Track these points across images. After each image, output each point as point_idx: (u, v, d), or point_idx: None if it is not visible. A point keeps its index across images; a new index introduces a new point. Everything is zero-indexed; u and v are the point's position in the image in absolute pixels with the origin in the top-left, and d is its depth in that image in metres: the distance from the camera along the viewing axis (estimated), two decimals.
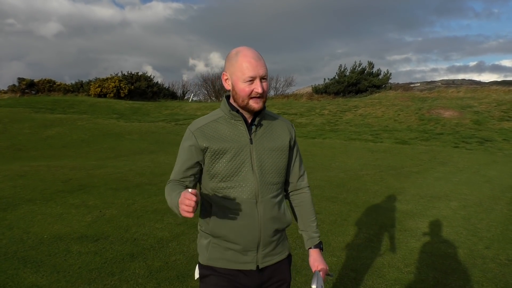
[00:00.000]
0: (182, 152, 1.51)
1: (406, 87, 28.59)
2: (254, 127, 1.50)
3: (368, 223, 4.67)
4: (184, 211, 1.23)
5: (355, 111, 18.77)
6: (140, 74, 29.61)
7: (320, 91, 25.17)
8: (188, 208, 1.21)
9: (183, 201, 1.23)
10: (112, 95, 26.15)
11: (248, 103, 1.44)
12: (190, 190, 1.22)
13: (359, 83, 24.19)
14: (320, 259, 1.62)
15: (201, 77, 45.03)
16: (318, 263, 1.60)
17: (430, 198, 5.91)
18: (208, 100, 34.00)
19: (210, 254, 1.51)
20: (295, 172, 1.65)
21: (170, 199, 1.41)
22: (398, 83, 31.29)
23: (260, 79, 1.42)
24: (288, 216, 1.59)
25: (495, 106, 17.18)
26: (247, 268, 1.50)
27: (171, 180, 1.51)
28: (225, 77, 1.49)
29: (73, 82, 30.56)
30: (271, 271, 1.55)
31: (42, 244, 3.72)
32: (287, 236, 1.70)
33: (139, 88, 27.98)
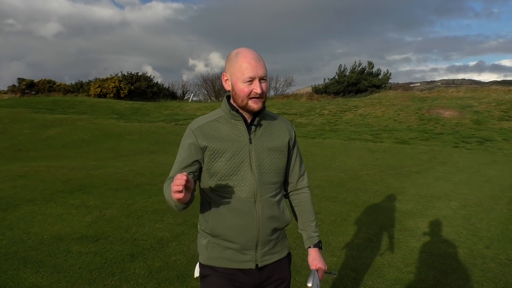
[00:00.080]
0: (182, 149, 1.53)
1: (406, 87, 28.58)
2: (253, 127, 1.52)
3: (368, 223, 4.68)
4: (175, 192, 1.23)
5: (355, 111, 18.78)
6: (140, 74, 29.63)
7: (320, 91, 25.18)
8: (178, 188, 1.21)
9: (174, 182, 1.23)
10: (112, 95, 26.16)
11: (247, 103, 1.45)
12: (181, 174, 1.23)
13: (359, 83, 24.20)
14: (319, 258, 1.64)
15: (201, 77, 45.02)
16: (317, 262, 1.63)
17: (430, 198, 5.91)
18: (208, 100, 34.01)
19: (209, 254, 1.53)
20: (295, 172, 1.67)
21: (167, 193, 1.42)
22: (398, 83, 31.31)
23: (259, 80, 1.44)
24: (287, 215, 1.60)
25: (495, 106, 17.18)
26: (246, 267, 1.51)
27: (170, 177, 1.53)
28: (225, 77, 1.51)
29: (73, 83, 30.62)
30: (270, 269, 1.56)
31: (42, 245, 3.72)
32: (287, 236, 1.71)
33: (139, 88, 28.00)
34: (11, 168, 7.68)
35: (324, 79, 25.71)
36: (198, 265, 1.60)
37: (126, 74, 29.12)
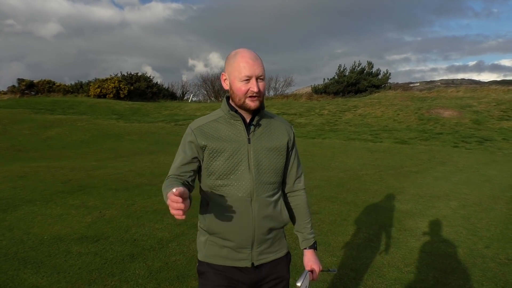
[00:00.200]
0: (182, 148, 1.55)
1: (406, 87, 28.60)
2: (252, 127, 1.53)
3: (367, 222, 4.68)
4: (175, 216, 1.21)
5: (355, 111, 18.78)
6: (139, 74, 29.64)
7: (319, 91, 25.19)
8: (178, 212, 1.18)
9: (172, 205, 1.20)
10: (111, 95, 26.16)
11: (244, 102, 1.47)
12: (175, 190, 1.17)
13: (359, 83, 24.21)
14: (313, 259, 1.67)
15: (200, 77, 44.95)
16: (312, 263, 1.66)
17: (429, 198, 5.92)
18: (208, 101, 34.01)
19: (207, 251, 1.55)
20: (292, 173, 1.68)
21: (166, 194, 1.42)
22: (398, 83, 31.35)
23: (256, 79, 1.46)
24: (285, 215, 1.61)
25: (494, 106, 17.20)
26: (242, 265, 1.53)
27: (169, 175, 1.54)
28: (223, 77, 1.54)
29: (72, 83, 30.65)
30: (268, 268, 1.57)
31: (42, 245, 3.72)
32: (287, 236, 1.71)
33: (138, 89, 27.99)
34: (11, 169, 7.68)
35: (324, 79, 25.78)
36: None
37: (125, 74, 29.12)
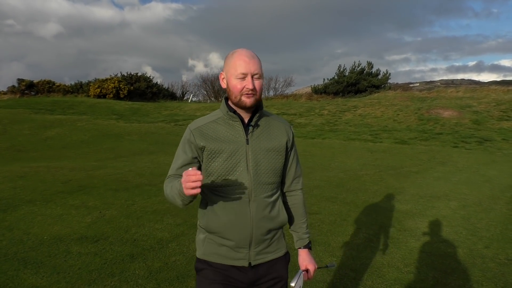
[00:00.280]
0: (182, 148, 1.57)
1: (405, 87, 28.61)
2: (251, 128, 1.54)
3: (367, 223, 4.68)
4: (191, 189, 1.27)
5: (355, 111, 18.79)
6: (139, 74, 29.62)
7: (319, 91, 25.19)
8: (195, 184, 1.25)
9: (187, 178, 1.27)
10: (111, 95, 26.15)
11: (240, 99, 1.49)
12: (191, 169, 1.28)
13: (358, 83, 24.21)
14: (308, 258, 1.69)
15: (200, 77, 45.07)
16: (307, 263, 1.68)
17: (429, 198, 5.92)
18: (208, 101, 34.02)
19: (205, 249, 1.57)
20: (290, 173, 1.69)
21: (171, 188, 1.46)
22: (397, 83, 31.36)
23: (252, 76, 1.47)
24: (283, 215, 1.62)
25: (494, 106, 17.20)
26: (240, 264, 1.54)
27: (169, 175, 1.56)
28: (222, 76, 1.56)
29: (72, 83, 30.64)
30: (266, 268, 1.58)
31: (42, 245, 3.72)
32: (287, 236, 1.71)
33: (138, 89, 27.99)
34: (10, 169, 7.68)
35: (324, 79, 25.76)
36: None
37: (125, 74, 29.11)
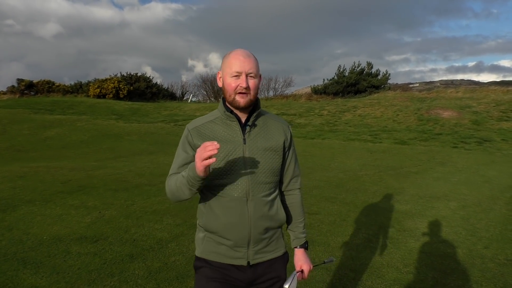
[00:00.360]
0: (182, 147, 1.58)
1: (405, 88, 28.65)
2: (248, 127, 1.54)
3: (367, 223, 4.68)
4: (205, 159, 1.27)
5: (354, 111, 18.79)
6: (139, 75, 29.62)
7: (319, 91, 25.19)
8: (212, 152, 1.25)
9: (205, 148, 1.27)
10: (111, 96, 26.14)
11: (234, 98, 1.49)
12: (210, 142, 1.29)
13: (358, 84, 24.21)
14: (304, 258, 1.69)
15: (200, 77, 45.08)
16: (302, 263, 1.68)
17: (429, 198, 5.92)
18: (207, 101, 34.02)
19: (204, 247, 1.57)
20: (288, 173, 1.69)
21: (175, 181, 1.48)
22: (397, 84, 31.40)
23: (247, 75, 1.47)
24: (282, 215, 1.62)
25: (493, 106, 17.21)
26: (238, 264, 1.54)
27: (171, 174, 1.57)
28: (219, 75, 1.57)
29: (72, 83, 30.63)
30: (264, 267, 1.58)
31: (42, 245, 3.72)
32: (286, 236, 1.71)
33: (138, 89, 27.98)
34: (10, 169, 7.67)
35: (323, 80, 25.74)
36: None
37: (125, 74, 29.11)
